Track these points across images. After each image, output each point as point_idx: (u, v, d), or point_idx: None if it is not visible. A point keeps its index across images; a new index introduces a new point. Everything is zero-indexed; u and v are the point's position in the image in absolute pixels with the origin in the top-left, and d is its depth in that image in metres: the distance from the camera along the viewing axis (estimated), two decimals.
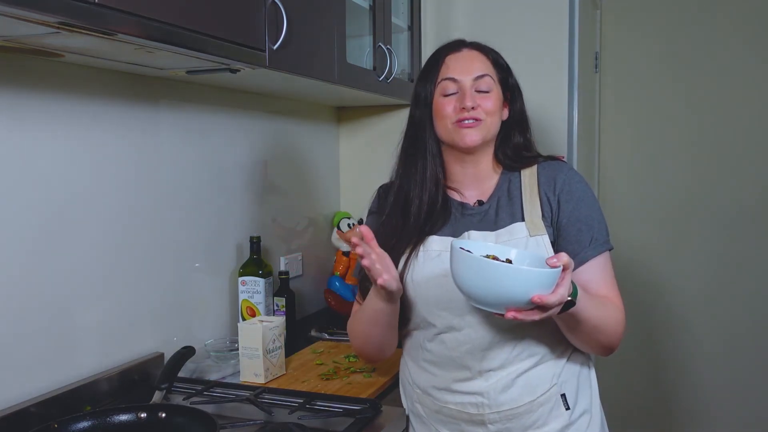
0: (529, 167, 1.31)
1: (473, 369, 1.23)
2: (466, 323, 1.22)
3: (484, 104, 1.26)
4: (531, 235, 1.22)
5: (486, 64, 1.29)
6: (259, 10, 1.37)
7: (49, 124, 1.32)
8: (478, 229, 1.26)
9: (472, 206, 1.30)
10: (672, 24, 2.87)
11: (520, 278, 0.97)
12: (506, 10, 2.27)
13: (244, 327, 1.54)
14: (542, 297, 0.97)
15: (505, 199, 1.28)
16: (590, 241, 1.23)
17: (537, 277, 0.97)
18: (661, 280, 2.96)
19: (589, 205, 1.26)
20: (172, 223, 1.65)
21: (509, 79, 1.33)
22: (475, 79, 1.26)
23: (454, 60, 1.29)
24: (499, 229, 1.25)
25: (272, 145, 2.08)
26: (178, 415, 1.21)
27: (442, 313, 1.24)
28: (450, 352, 1.25)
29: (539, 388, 1.23)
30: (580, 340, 1.21)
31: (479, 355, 1.23)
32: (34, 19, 0.93)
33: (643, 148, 2.95)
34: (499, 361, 1.22)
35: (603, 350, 1.23)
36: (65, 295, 1.36)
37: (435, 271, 1.24)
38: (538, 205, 1.25)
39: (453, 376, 1.25)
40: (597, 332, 1.17)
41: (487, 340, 1.22)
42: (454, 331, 1.24)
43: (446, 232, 1.28)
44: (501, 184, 1.31)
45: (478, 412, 1.24)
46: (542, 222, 1.24)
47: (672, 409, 3.00)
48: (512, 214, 1.26)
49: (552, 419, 1.24)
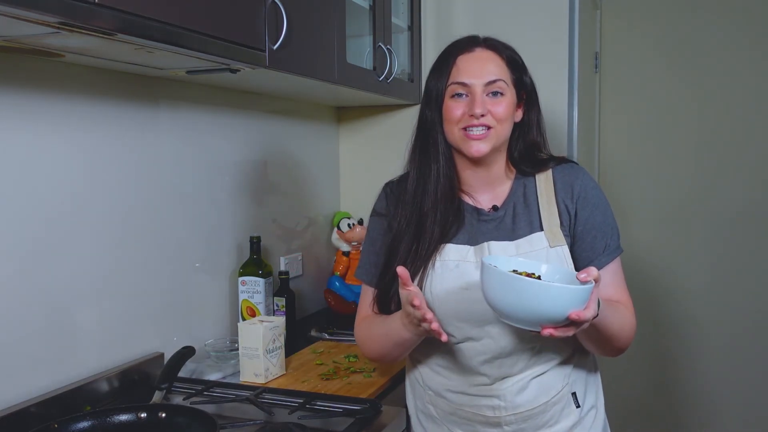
0: (544, 172, 1.27)
1: (491, 376, 1.23)
2: (486, 333, 1.21)
3: (495, 110, 1.20)
4: (551, 246, 1.21)
5: (500, 66, 1.23)
6: (259, 10, 1.37)
7: (49, 124, 1.32)
8: (496, 239, 1.23)
9: (487, 212, 1.27)
10: (672, 24, 2.87)
11: (559, 297, 0.97)
12: (506, 10, 2.26)
13: (244, 327, 1.54)
14: (579, 313, 0.97)
15: (522, 206, 1.26)
16: (604, 248, 1.23)
17: (574, 294, 0.98)
18: (662, 279, 2.96)
19: (603, 212, 1.25)
20: (171, 223, 1.65)
21: (524, 77, 1.27)
22: (486, 84, 1.20)
23: (466, 61, 1.22)
24: (518, 239, 1.22)
25: (272, 145, 2.08)
26: (178, 415, 1.21)
27: (461, 325, 1.22)
28: (468, 360, 1.24)
29: (553, 388, 1.24)
30: (596, 345, 1.21)
31: (497, 363, 1.22)
32: (34, 19, 0.92)
33: (643, 148, 2.95)
34: (517, 369, 1.23)
35: (615, 353, 1.23)
36: (65, 295, 1.36)
37: (455, 283, 1.21)
38: (556, 214, 1.23)
39: (469, 381, 1.25)
40: (613, 339, 1.18)
41: (507, 350, 1.21)
42: (473, 341, 1.22)
43: (462, 240, 1.24)
44: (516, 189, 1.28)
45: (494, 415, 1.24)
46: (561, 231, 1.22)
47: (674, 407, 3.00)
48: (530, 223, 1.24)
49: (563, 417, 1.25)
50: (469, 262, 1.22)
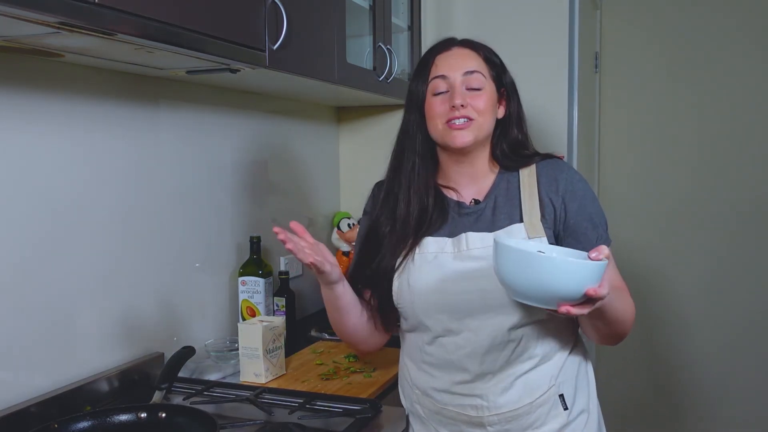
0: (528, 167, 1.29)
1: (472, 372, 1.23)
2: (465, 326, 1.22)
3: (474, 103, 1.24)
4: (530, 237, 1.21)
5: (477, 60, 1.27)
6: (259, 10, 1.37)
7: (49, 124, 1.32)
8: (474, 230, 1.25)
9: (468, 205, 1.29)
10: (672, 24, 2.87)
11: (576, 273, 0.97)
12: (506, 10, 2.27)
13: (244, 327, 1.54)
14: (596, 290, 0.97)
15: (503, 199, 1.27)
16: (596, 239, 1.23)
17: (591, 270, 0.98)
18: (661, 279, 2.96)
19: (592, 203, 1.26)
20: (172, 222, 1.65)
21: (503, 76, 1.31)
22: (464, 74, 1.24)
23: (444, 58, 1.28)
24: (496, 230, 1.24)
25: (272, 145, 2.08)
26: (178, 415, 1.21)
27: (440, 317, 1.23)
28: (449, 355, 1.24)
29: (538, 389, 1.23)
30: (600, 331, 1.20)
31: (479, 359, 1.22)
32: (34, 19, 0.93)
33: (643, 147, 2.96)
34: (498, 364, 1.22)
35: (617, 339, 1.23)
36: (65, 294, 1.36)
37: (433, 275, 1.23)
38: (537, 207, 1.24)
39: (452, 378, 1.25)
40: (617, 322, 1.17)
41: (487, 344, 1.21)
42: (453, 335, 1.23)
43: (442, 233, 1.27)
44: (498, 183, 1.30)
45: (477, 414, 1.24)
46: (541, 224, 1.23)
47: (671, 408, 3.00)
48: (510, 215, 1.25)
49: (550, 419, 1.24)
50: (446, 253, 1.24)
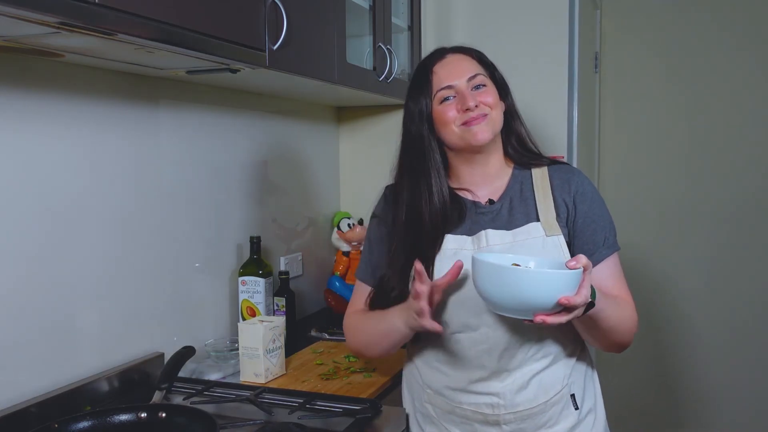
0: (539, 168, 1.32)
1: (489, 369, 1.24)
2: (483, 322, 1.23)
3: (484, 99, 1.27)
4: (547, 235, 1.23)
5: (473, 63, 1.31)
6: (259, 10, 1.37)
7: (49, 124, 1.32)
8: (493, 228, 1.26)
9: (484, 205, 1.31)
10: (672, 24, 2.87)
11: (546, 282, 1.01)
12: (506, 11, 2.27)
13: (244, 327, 1.54)
14: (569, 298, 1.00)
15: (518, 200, 1.29)
16: (603, 242, 1.25)
17: (561, 279, 1.01)
18: (661, 279, 2.96)
19: (600, 207, 1.29)
20: (172, 223, 1.64)
21: (495, 74, 1.34)
22: (469, 79, 1.27)
23: (442, 67, 1.29)
24: (514, 229, 1.25)
25: (272, 145, 2.08)
26: (178, 415, 1.21)
27: (459, 312, 1.24)
28: (467, 351, 1.25)
29: (552, 388, 1.25)
30: (598, 339, 1.22)
31: (497, 355, 1.23)
32: (34, 19, 0.92)
33: (643, 147, 2.95)
34: (516, 361, 1.23)
35: (617, 348, 1.25)
36: (65, 295, 1.36)
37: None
38: (552, 206, 1.26)
39: (468, 376, 1.26)
40: (614, 331, 1.19)
41: (506, 339, 1.22)
42: (470, 331, 1.24)
43: (461, 231, 1.28)
44: (512, 184, 1.32)
45: (493, 413, 1.25)
46: (557, 222, 1.25)
47: (673, 406, 3.00)
48: (527, 215, 1.27)
49: (562, 419, 1.25)
50: (466, 250, 1.25)
